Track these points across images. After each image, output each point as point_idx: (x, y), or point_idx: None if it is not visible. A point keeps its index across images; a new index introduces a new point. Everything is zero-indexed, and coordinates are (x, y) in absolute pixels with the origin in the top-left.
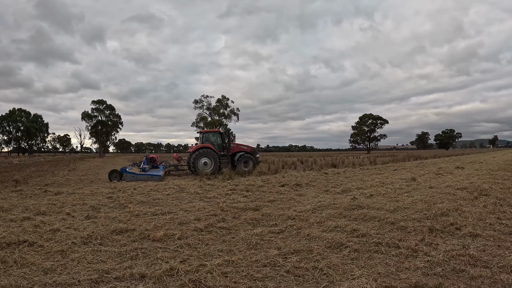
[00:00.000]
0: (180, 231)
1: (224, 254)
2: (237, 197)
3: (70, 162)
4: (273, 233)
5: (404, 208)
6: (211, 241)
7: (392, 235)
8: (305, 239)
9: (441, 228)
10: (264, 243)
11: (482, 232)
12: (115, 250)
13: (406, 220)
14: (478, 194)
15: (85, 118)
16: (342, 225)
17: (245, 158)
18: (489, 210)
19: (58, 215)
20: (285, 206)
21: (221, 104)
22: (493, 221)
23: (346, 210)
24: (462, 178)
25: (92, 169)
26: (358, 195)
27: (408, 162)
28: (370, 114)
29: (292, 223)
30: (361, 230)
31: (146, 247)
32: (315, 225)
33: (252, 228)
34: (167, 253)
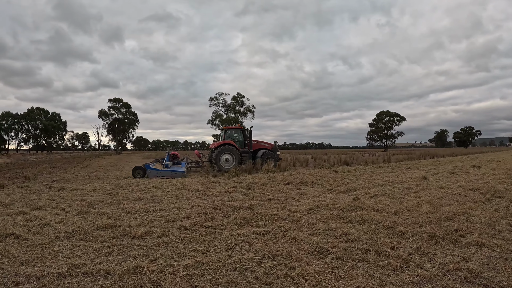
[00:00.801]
0: (163, 229)
1: (198, 254)
2: (236, 195)
3: (85, 159)
4: (257, 234)
5: (407, 210)
6: (190, 240)
7: (385, 242)
8: (289, 242)
9: (442, 234)
10: (244, 245)
11: (488, 241)
12: (93, 246)
13: (406, 224)
14: (491, 196)
15: (102, 116)
16: (333, 228)
17: (267, 155)
18: (500, 215)
19: (53, 210)
20: (281, 205)
21: (236, 101)
22: (503, 227)
23: (343, 211)
24: (476, 178)
25: (105, 166)
26: (361, 195)
27: (424, 160)
28: (387, 111)
29: (281, 224)
30: (353, 234)
31: (124, 244)
32: (305, 227)
33: (238, 228)
34: (141, 251)
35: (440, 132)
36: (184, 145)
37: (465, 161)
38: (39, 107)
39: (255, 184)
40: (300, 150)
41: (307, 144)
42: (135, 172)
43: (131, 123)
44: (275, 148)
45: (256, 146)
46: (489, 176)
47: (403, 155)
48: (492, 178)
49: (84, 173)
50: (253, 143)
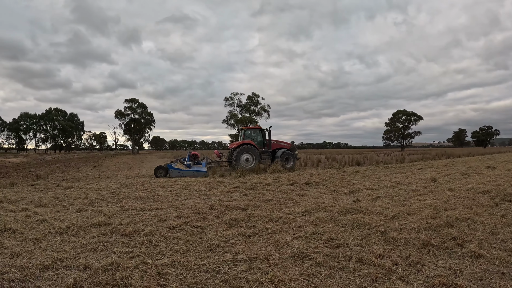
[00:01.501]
0: (152, 228)
1: (177, 254)
2: (237, 195)
3: (100, 159)
4: (243, 236)
5: (407, 214)
6: (176, 239)
7: (373, 248)
8: (272, 245)
9: (438, 242)
10: (226, 246)
11: (488, 252)
12: (82, 241)
13: (402, 229)
14: (501, 200)
15: (118, 116)
16: (321, 231)
17: (286, 155)
18: (507, 221)
19: (55, 207)
20: (278, 206)
21: (251, 101)
22: (508, 236)
23: (340, 213)
24: (489, 180)
25: (117, 165)
26: (363, 197)
27: (438, 160)
28: (404, 110)
29: (270, 226)
30: (341, 239)
31: (110, 241)
32: (294, 229)
33: (226, 229)
34: (124, 248)
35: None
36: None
37: (481, 161)
38: (57, 108)
39: (259, 184)
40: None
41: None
42: (157, 171)
43: (147, 123)
44: (293, 148)
45: (275, 146)
46: (503, 178)
47: (418, 155)
48: (505, 180)
49: (95, 172)
50: (272, 143)
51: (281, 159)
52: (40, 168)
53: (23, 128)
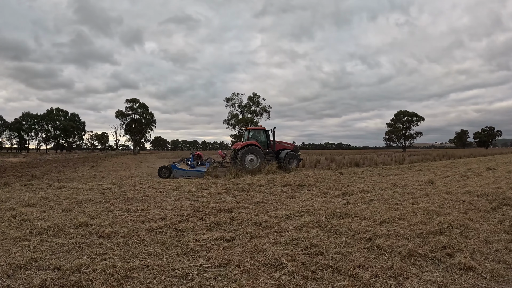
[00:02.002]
0: (132, 229)
1: (150, 257)
2: (226, 197)
3: (100, 159)
4: (221, 240)
5: (397, 219)
6: (152, 242)
7: (354, 257)
8: (248, 251)
9: (426, 252)
10: (201, 251)
11: (479, 263)
12: (59, 242)
13: (390, 236)
14: (499, 204)
15: (119, 117)
16: (302, 237)
17: (290, 156)
18: (503, 228)
19: (42, 207)
20: (264, 209)
21: (252, 101)
22: (503, 245)
23: (327, 218)
24: (488, 182)
25: (115, 166)
26: (355, 200)
27: (439, 161)
28: (406, 111)
29: (251, 230)
30: (321, 246)
31: (87, 242)
32: (275, 234)
33: (206, 232)
34: (99, 250)
35: (460, 132)
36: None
37: (482, 162)
38: (58, 108)
39: (251, 185)
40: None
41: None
42: (161, 171)
43: (148, 123)
44: (296, 149)
45: (278, 147)
46: (503, 180)
47: (419, 156)
48: (505, 183)
49: (91, 172)
50: (275, 144)
51: (285, 159)
52: (38, 168)
53: (25, 128)
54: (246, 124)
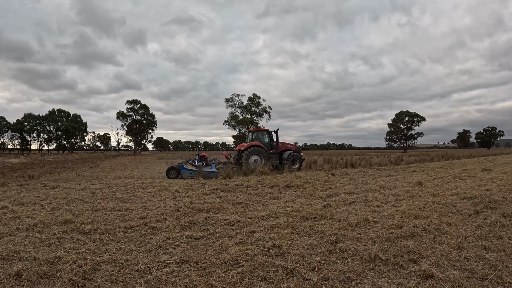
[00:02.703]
0: (110, 227)
1: (119, 252)
2: (211, 197)
3: (100, 159)
4: (190, 238)
5: (372, 222)
6: (126, 239)
7: (313, 260)
8: (212, 250)
9: (389, 257)
10: (169, 248)
11: (442, 271)
12: (42, 237)
13: (359, 239)
14: (483, 207)
15: (120, 118)
16: (268, 238)
17: (293, 157)
18: (481, 234)
19: (33, 206)
20: (243, 210)
21: (252, 102)
22: (473, 253)
23: (301, 219)
24: (479, 184)
25: (113, 166)
26: (336, 202)
27: (435, 162)
28: (407, 111)
29: (222, 230)
30: (284, 247)
31: (67, 238)
32: (244, 234)
33: (179, 230)
34: (75, 244)
35: (462, 132)
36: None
37: (479, 163)
38: (60, 109)
39: (239, 186)
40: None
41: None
42: (169, 172)
43: (149, 124)
44: (298, 149)
45: (281, 148)
46: (495, 182)
47: (418, 156)
48: (496, 185)
49: (88, 173)
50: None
51: (288, 160)
52: (37, 168)
53: (27, 129)
54: (246, 125)
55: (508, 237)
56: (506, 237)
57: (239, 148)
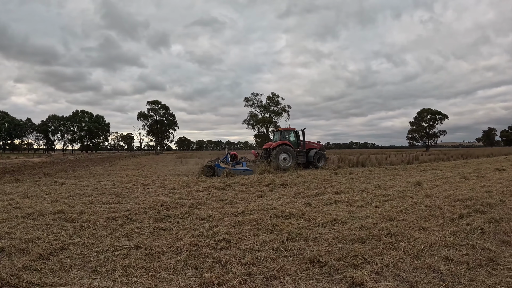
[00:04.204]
0: (94, 217)
1: (91, 237)
2: (201, 194)
3: (120, 158)
4: (156, 229)
5: (340, 223)
6: (103, 227)
7: (253, 255)
8: (169, 239)
9: (329, 260)
10: (134, 236)
11: (376, 281)
12: (34, 223)
13: (314, 239)
14: (473, 211)
15: (141, 118)
16: (223, 232)
17: (319, 155)
18: (451, 241)
19: (37, 199)
20: (222, 206)
21: (271, 101)
22: (428, 263)
23: (271, 217)
24: (483, 185)
25: (129, 165)
26: (319, 201)
27: (451, 161)
28: (429, 109)
29: (190, 223)
30: (233, 241)
31: (54, 224)
32: (205, 228)
33: (152, 222)
34: (58, 229)
35: (487, 130)
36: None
37: (495, 162)
38: (83, 110)
39: (235, 184)
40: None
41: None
42: (204, 170)
43: (170, 124)
44: (322, 148)
45: (307, 146)
46: (502, 182)
47: (435, 155)
48: (502, 186)
49: (101, 171)
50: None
51: (314, 158)
52: (55, 167)
53: (51, 130)
54: (265, 124)
55: (482, 247)
56: (479, 246)
57: (266, 147)
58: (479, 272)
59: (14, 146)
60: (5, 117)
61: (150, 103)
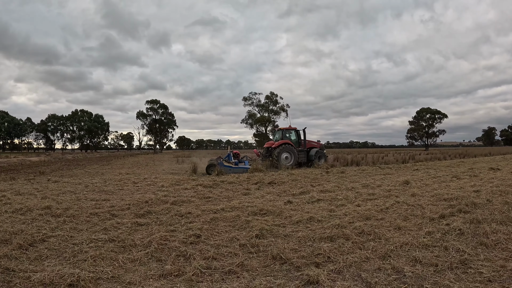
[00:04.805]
0: (78, 212)
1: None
2: (187, 192)
3: (118, 157)
4: (134, 224)
5: (316, 221)
6: (84, 222)
7: (218, 251)
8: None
9: (292, 257)
10: (112, 230)
11: (334, 280)
12: (21, 218)
13: (285, 236)
14: (456, 211)
15: (140, 117)
16: (196, 228)
17: (319, 154)
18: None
19: (29, 196)
20: (204, 203)
21: (270, 100)
22: (393, 264)
23: (249, 214)
24: (473, 184)
25: (125, 164)
26: (302, 199)
27: (447, 161)
28: (428, 108)
29: (168, 220)
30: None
31: (39, 218)
32: (181, 224)
33: (132, 218)
34: (42, 223)
35: (487, 130)
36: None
37: (491, 162)
38: (82, 109)
39: (223, 182)
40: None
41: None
42: (209, 169)
43: (169, 123)
44: (322, 147)
45: (308, 145)
46: (494, 182)
47: (433, 154)
48: (492, 185)
49: (97, 170)
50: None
51: (315, 157)
52: (52, 166)
53: (51, 129)
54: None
55: (456, 248)
56: (453, 248)
57: (268, 146)
58: (447, 275)
59: (14, 145)
60: (5, 117)
61: (149, 102)
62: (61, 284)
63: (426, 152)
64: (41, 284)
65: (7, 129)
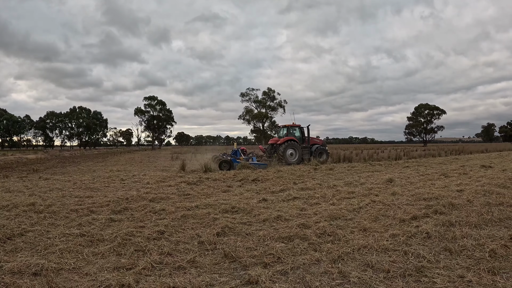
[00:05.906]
0: (60, 209)
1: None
2: (170, 189)
3: (115, 154)
4: (108, 220)
5: (283, 220)
6: (64, 218)
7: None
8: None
9: (243, 256)
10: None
11: (275, 281)
12: (6, 214)
13: (247, 235)
14: (432, 212)
15: (138, 114)
16: (163, 224)
17: (320, 150)
18: (385, 245)
19: (17, 193)
20: (181, 200)
21: (267, 96)
22: (341, 268)
23: (220, 212)
24: (458, 183)
25: (120, 161)
26: (278, 197)
27: (441, 157)
28: (426, 104)
29: (140, 216)
30: (168, 232)
31: (23, 214)
32: (151, 220)
33: (109, 214)
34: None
35: (487, 126)
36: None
37: (485, 159)
38: (81, 106)
39: (208, 179)
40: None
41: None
42: (222, 165)
43: (167, 119)
44: (324, 143)
45: (311, 142)
46: (482, 181)
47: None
48: (477, 185)
49: (90, 167)
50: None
51: (315, 153)
52: (47, 163)
53: (49, 126)
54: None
55: (416, 254)
56: (413, 253)
57: (272, 142)
58: (396, 283)
59: (13, 143)
60: (4, 114)
61: (146, 98)
62: (27, 273)
63: (423, 148)
64: (10, 273)
65: (5, 127)
